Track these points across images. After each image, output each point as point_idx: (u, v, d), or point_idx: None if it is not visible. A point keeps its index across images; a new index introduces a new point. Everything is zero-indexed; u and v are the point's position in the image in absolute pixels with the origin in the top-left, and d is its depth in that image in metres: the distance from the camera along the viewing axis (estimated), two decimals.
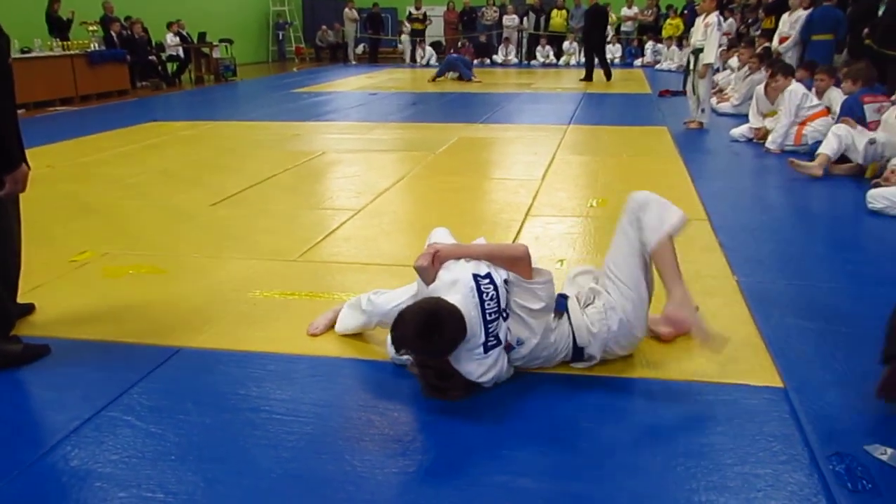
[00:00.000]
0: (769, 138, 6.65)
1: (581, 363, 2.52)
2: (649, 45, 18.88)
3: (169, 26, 15.48)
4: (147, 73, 14.40)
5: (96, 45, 12.55)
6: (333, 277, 3.55)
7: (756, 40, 10.76)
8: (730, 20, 14.17)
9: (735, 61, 10.49)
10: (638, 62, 18.78)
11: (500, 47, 20.29)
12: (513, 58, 20.08)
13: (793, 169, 5.59)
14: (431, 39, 20.53)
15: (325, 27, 21.89)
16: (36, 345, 2.72)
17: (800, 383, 2.42)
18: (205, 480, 1.97)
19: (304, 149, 7.15)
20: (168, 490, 1.92)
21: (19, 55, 10.29)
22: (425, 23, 20.40)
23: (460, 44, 18.84)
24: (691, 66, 7.92)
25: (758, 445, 2.09)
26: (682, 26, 17.65)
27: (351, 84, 14.53)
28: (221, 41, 16.81)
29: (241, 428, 2.22)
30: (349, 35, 20.64)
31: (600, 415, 2.29)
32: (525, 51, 20.40)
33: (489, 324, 2.25)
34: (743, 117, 7.89)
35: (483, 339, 2.26)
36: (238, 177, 5.78)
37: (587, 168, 6.12)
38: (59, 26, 12.64)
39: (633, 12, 19.70)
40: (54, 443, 2.15)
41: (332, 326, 2.87)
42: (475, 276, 2.27)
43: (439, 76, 15.01)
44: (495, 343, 2.29)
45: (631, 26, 19.86)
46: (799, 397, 2.33)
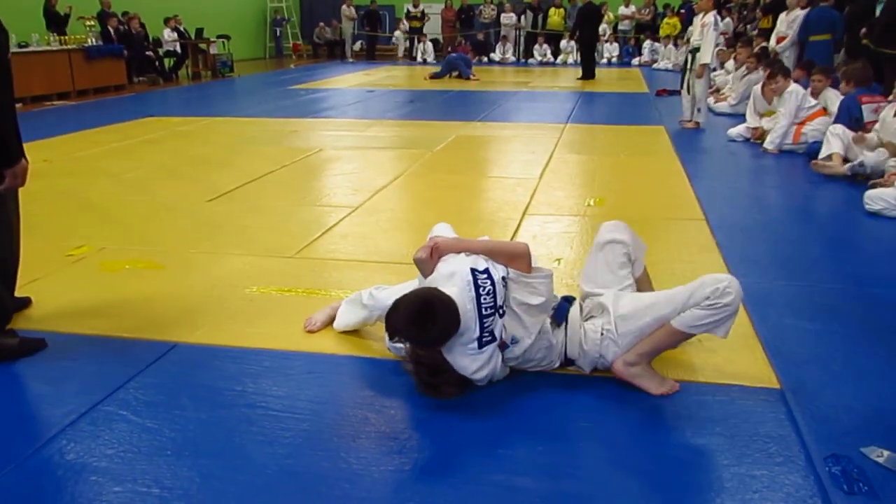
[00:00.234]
0: (767, 139, 6.66)
1: (573, 367, 2.52)
2: (647, 45, 18.92)
3: (166, 22, 15.47)
4: (144, 68, 14.38)
5: (93, 40, 12.54)
6: (330, 274, 3.55)
7: (753, 40, 10.76)
8: (727, 19, 14.18)
9: (731, 63, 10.48)
10: (635, 61, 18.82)
11: (497, 45, 20.32)
12: (510, 56, 20.11)
13: (815, 171, 5.54)
14: (429, 37, 20.51)
15: (323, 24, 21.89)
16: (32, 339, 2.71)
17: (796, 384, 2.42)
18: (200, 476, 1.96)
19: (301, 145, 7.14)
20: (163, 485, 1.92)
21: (17, 49, 10.27)
22: (423, 20, 20.41)
23: (458, 42, 18.82)
24: (689, 65, 7.93)
25: (754, 446, 2.09)
26: (679, 25, 17.70)
27: (348, 81, 14.50)
28: (219, 37, 16.76)
29: (236, 424, 2.22)
30: (347, 32, 20.64)
31: (596, 414, 2.29)
32: (523, 49, 20.42)
33: (485, 319, 2.25)
34: (740, 117, 7.90)
35: (478, 333, 2.25)
36: (235, 173, 5.77)
37: (584, 167, 6.13)
38: (56, 21, 12.65)
39: (630, 11, 19.74)
40: (50, 436, 2.14)
41: (329, 323, 2.86)
42: (473, 271, 2.27)
43: (441, 76, 14.72)
44: (490, 339, 2.28)
45: (628, 25, 19.88)
46: (795, 398, 2.33)
